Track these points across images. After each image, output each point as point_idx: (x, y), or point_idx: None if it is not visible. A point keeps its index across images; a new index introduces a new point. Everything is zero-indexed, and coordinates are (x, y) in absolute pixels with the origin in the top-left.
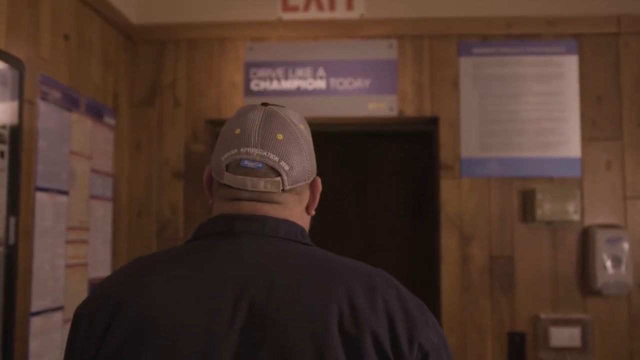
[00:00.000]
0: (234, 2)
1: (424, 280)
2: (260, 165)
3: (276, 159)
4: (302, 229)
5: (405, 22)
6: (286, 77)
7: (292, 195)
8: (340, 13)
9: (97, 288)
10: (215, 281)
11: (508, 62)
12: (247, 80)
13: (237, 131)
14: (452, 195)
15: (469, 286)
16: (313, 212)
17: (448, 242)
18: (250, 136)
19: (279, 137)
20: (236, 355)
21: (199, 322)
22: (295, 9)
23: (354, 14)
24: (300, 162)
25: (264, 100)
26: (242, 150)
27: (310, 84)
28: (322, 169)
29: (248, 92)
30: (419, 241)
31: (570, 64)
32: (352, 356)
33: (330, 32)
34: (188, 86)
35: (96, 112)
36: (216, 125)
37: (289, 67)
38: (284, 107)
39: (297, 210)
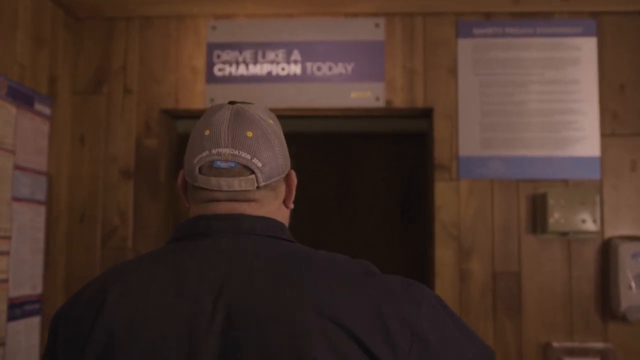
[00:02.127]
0: None
1: None
2: (233, 165)
3: (248, 156)
4: (282, 224)
5: None
6: (255, 61)
7: (268, 192)
8: None
9: (74, 297)
10: (193, 283)
11: (514, 45)
12: (210, 65)
13: (207, 132)
14: (448, 199)
15: (467, 308)
16: (292, 205)
17: (443, 256)
18: (220, 136)
19: (248, 135)
20: (217, 357)
21: (178, 324)
22: None
23: None
24: (272, 157)
25: (229, 86)
26: (213, 151)
27: (283, 69)
28: (302, 171)
29: (211, 77)
30: (409, 253)
31: (587, 48)
32: (334, 354)
33: (307, 8)
34: (141, 71)
35: (23, 98)
36: (173, 116)
37: (259, 49)
38: (251, 103)
39: (274, 206)
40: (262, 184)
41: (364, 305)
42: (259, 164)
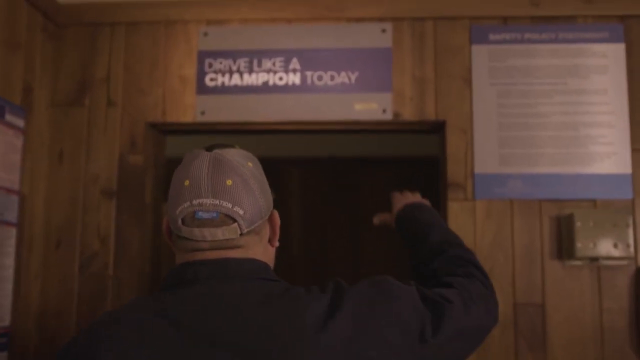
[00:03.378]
0: None
1: None
2: (215, 215)
3: (229, 205)
4: (265, 265)
5: (402, 1)
6: (250, 70)
7: (252, 236)
8: None
9: (63, 350)
10: (186, 332)
11: (534, 52)
12: (201, 74)
13: (186, 183)
14: (463, 222)
15: (485, 345)
16: (277, 244)
17: None
18: (201, 186)
19: (228, 183)
20: None
21: None
22: None
23: None
24: (253, 203)
25: (222, 98)
26: (194, 202)
27: (280, 79)
28: (309, 196)
29: (201, 88)
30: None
31: (615, 54)
32: None
33: (307, 13)
34: (126, 81)
35: None
36: (161, 130)
37: (254, 57)
38: (229, 146)
39: (259, 249)
40: (245, 231)
41: (349, 328)
42: (241, 212)
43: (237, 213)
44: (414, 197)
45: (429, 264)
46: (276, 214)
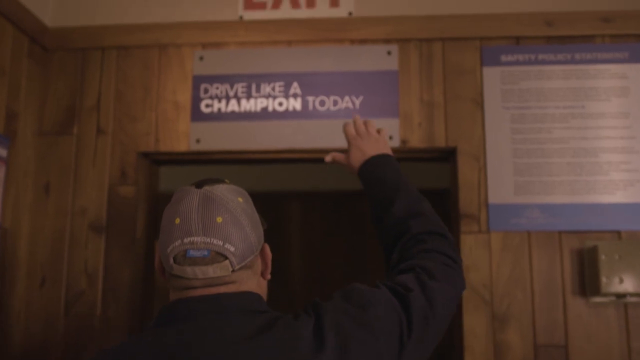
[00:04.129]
0: None
1: None
2: (206, 253)
3: (220, 243)
4: (258, 297)
5: (409, 21)
6: (248, 96)
7: (244, 271)
8: (322, 11)
9: None
10: None
11: (549, 73)
12: (196, 100)
13: (177, 221)
14: (477, 256)
15: None
16: (269, 277)
17: (474, 324)
18: (191, 225)
19: (218, 220)
20: None
21: None
22: (261, 5)
23: (340, 12)
24: (244, 238)
25: (218, 125)
26: (185, 240)
27: (280, 104)
28: (313, 229)
29: (197, 115)
30: None
31: (636, 75)
32: None
33: (308, 35)
34: (116, 108)
35: None
36: (153, 160)
37: (252, 81)
38: (219, 181)
39: (252, 283)
40: (236, 268)
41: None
42: (232, 249)
43: (228, 250)
44: (372, 141)
45: (393, 239)
46: (267, 248)
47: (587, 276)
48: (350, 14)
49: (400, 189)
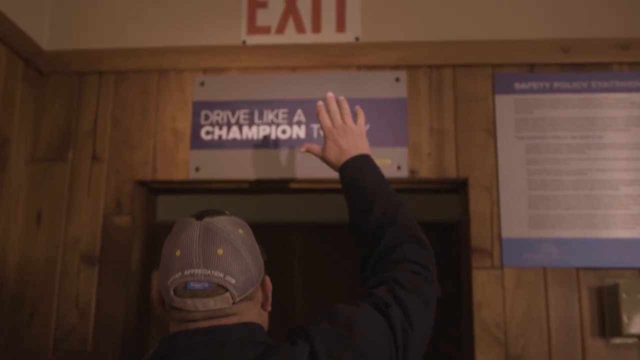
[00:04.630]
0: (181, 21)
1: None
2: (207, 285)
3: (221, 275)
4: (259, 327)
5: (418, 47)
6: (250, 123)
7: (245, 303)
8: (328, 36)
9: None
10: None
11: (565, 102)
12: (196, 127)
13: (177, 253)
14: (490, 293)
15: None
16: (269, 308)
17: None
18: (192, 257)
19: (219, 253)
20: None
21: None
22: (265, 30)
23: (346, 37)
24: (244, 271)
25: (218, 153)
26: (185, 272)
27: (284, 132)
28: (317, 261)
29: (196, 142)
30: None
31: None
32: None
33: (313, 60)
34: (113, 134)
35: None
36: (150, 189)
37: (255, 108)
38: (219, 213)
39: (254, 314)
40: (237, 300)
41: None
42: (233, 281)
43: (229, 282)
44: (350, 136)
45: (369, 248)
46: (268, 280)
47: (607, 316)
48: (357, 39)
49: (377, 197)
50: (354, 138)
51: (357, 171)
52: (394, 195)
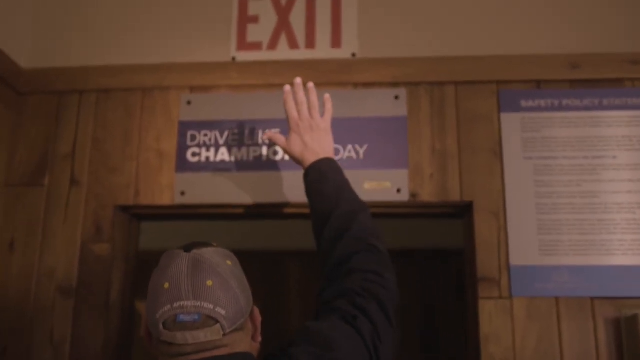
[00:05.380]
0: (166, 36)
1: None
2: (197, 317)
3: (211, 306)
4: (251, 356)
5: (418, 63)
6: (240, 144)
7: (235, 334)
8: (323, 52)
9: None
10: None
11: (575, 121)
12: (182, 148)
13: (166, 285)
14: (498, 326)
15: None
16: (260, 339)
17: None
18: (181, 289)
19: (209, 284)
20: None
21: None
22: (256, 46)
23: (342, 53)
24: (234, 302)
25: (205, 176)
26: (175, 305)
27: (275, 154)
28: (308, 291)
29: (182, 165)
30: None
31: None
32: None
33: (308, 78)
34: (93, 157)
35: None
36: (133, 215)
37: (245, 128)
38: (207, 244)
39: (244, 344)
40: (227, 331)
41: None
42: (223, 312)
43: (219, 314)
44: (315, 133)
45: (326, 256)
46: (257, 311)
47: (625, 349)
48: (353, 55)
49: (337, 203)
50: (319, 134)
51: (320, 175)
52: (354, 201)
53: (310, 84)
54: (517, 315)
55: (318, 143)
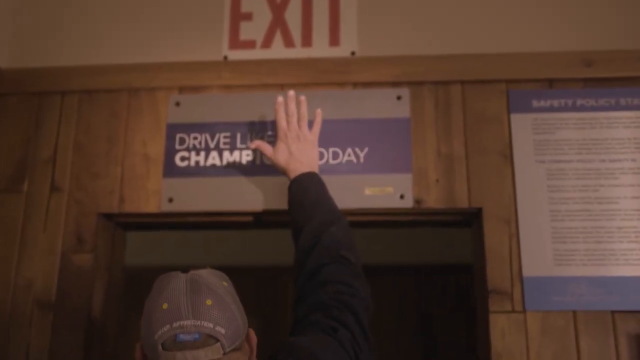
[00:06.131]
0: (154, 34)
1: None
2: (197, 336)
3: (211, 325)
4: None
5: (422, 61)
6: (232, 147)
7: (234, 354)
8: (320, 50)
9: None
10: None
11: (591, 121)
12: (170, 152)
13: (165, 306)
14: (511, 342)
15: None
16: None
17: None
18: (181, 308)
19: (208, 303)
20: None
21: None
22: (249, 44)
23: (341, 51)
24: (232, 321)
25: (195, 182)
26: (174, 324)
27: (269, 158)
28: None
29: (170, 169)
30: None
31: None
32: None
33: (304, 77)
34: (76, 161)
35: None
36: (117, 223)
37: (238, 130)
38: (203, 268)
39: None
40: (227, 350)
41: None
42: (223, 331)
43: (219, 332)
44: (302, 146)
45: (300, 266)
46: (252, 333)
47: None
48: (352, 53)
49: (312, 215)
50: (305, 145)
51: (301, 188)
52: (330, 212)
53: (302, 97)
54: (531, 331)
55: (304, 153)
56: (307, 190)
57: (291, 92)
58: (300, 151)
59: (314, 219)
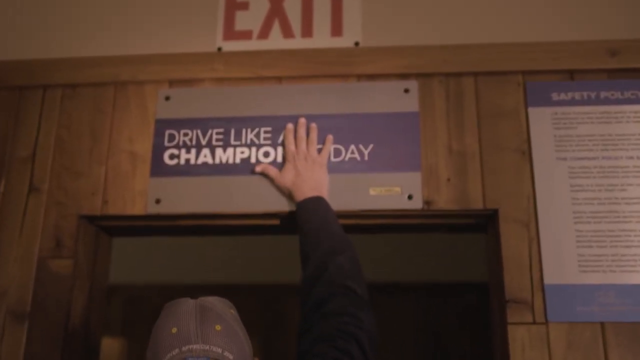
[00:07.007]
0: (142, 24)
1: None
2: None
3: (219, 350)
4: None
5: (431, 52)
6: (226, 144)
7: None
8: (321, 40)
9: None
10: None
11: (616, 115)
12: (158, 150)
13: (174, 330)
14: (532, 356)
15: None
16: None
17: None
18: (190, 333)
19: (217, 329)
20: None
21: None
22: (245, 35)
23: (344, 41)
24: (240, 347)
25: (185, 181)
26: (183, 348)
27: (266, 155)
28: None
29: (158, 168)
30: None
31: None
32: None
33: (304, 69)
34: (56, 159)
35: None
36: (100, 227)
37: (232, 126)
38: (210, 296)
39: None
40: None
41: None
42: (231, 357)
43: (227, 358)
44: (309, 169)
45: (305, 296)
46: None
47: None
48: (356, 44)
49: (318, 243)
50: (313, 166)
51: (307, 214)
52: (337, 240)
53: (313, 124)
54: (555, 344)
55: (311, 173)
56: (312, 215)
57: (302, 120)
58: (307, 170)
59: (320, 246)
